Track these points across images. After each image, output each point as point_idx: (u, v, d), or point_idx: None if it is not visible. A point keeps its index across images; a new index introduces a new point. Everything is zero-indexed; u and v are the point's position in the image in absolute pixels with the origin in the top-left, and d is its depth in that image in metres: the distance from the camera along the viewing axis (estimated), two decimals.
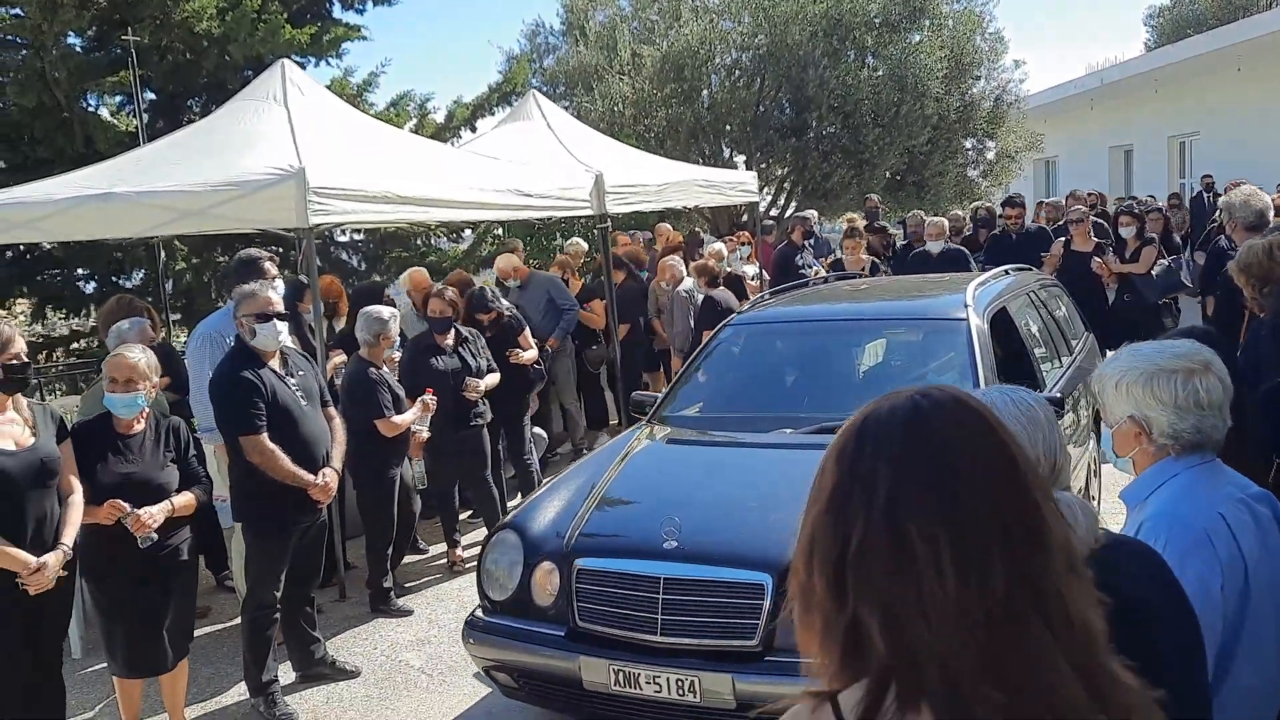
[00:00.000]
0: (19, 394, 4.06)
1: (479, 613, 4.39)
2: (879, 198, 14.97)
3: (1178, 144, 23.71)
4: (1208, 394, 2.16)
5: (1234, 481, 2.24)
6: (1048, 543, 1.10)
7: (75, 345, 13.54)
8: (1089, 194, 14.76)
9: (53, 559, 3.91)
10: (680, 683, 3.80)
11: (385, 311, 6.13)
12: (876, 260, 9.68)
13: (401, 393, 6.07)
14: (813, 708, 1.12)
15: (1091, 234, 9.23)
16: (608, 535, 4.31)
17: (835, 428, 4.85)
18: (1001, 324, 5.64)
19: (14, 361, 3.94)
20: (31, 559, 3.86)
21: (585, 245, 10.69)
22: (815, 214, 13.37)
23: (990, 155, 20.71)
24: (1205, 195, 16.97)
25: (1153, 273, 8.69)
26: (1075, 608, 1.09)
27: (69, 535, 4.01)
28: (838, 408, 4.55)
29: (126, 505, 4.18)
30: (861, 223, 10.79)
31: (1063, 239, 9.31)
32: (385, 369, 6.09)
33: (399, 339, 6.18)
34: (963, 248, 9.73)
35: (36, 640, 4.12)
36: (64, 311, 13.99)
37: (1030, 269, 7.24)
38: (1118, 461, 2.33)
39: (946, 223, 10.06)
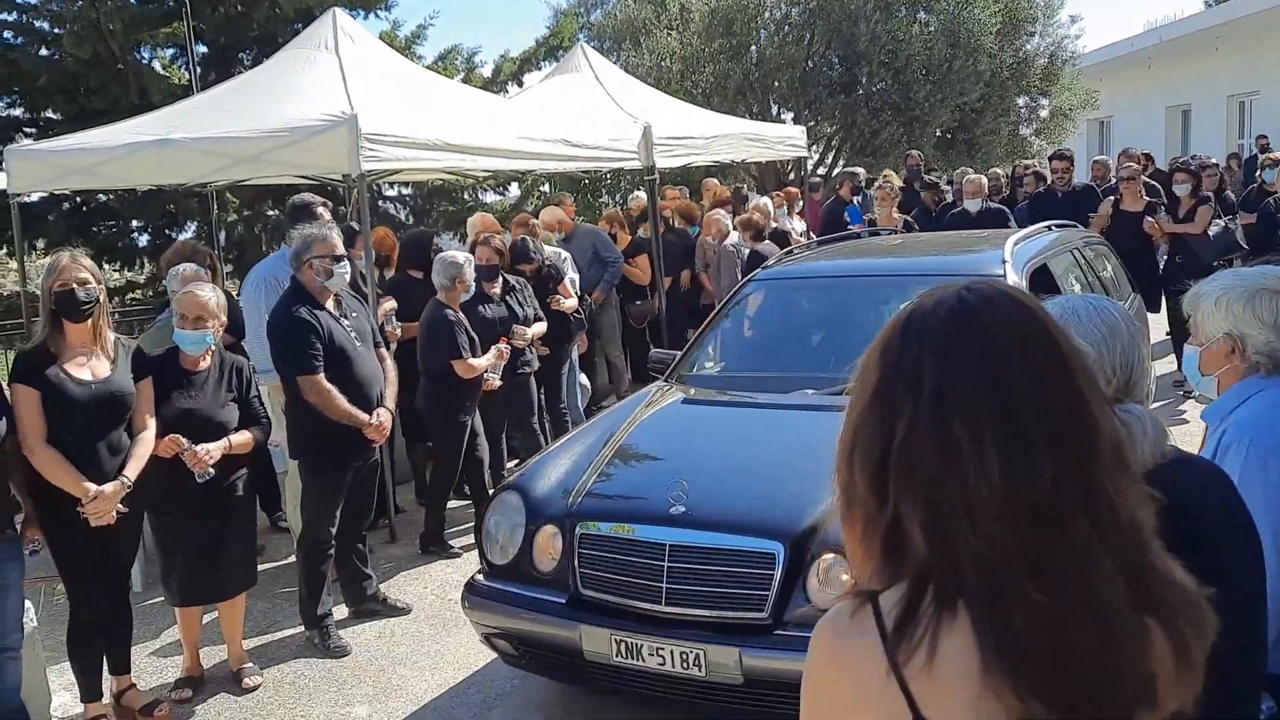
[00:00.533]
0: (105, 328, 4.17)
1: (479, 576, 4.22)
2: (921, 155, 14.68)
3: (1237, 103, 23.12)
4: None
5: None
6: (1096, 440, 1.08)
7: (131, 295, 13.78)
8: (1142, 154, 14.45)
9: (110, 488, 4.02)
10: (685, 655, 3.62)
11: (460, 256, 6.18)
12: (909, 220, 9.41)
13: (475, 338, 6.12)
14: (853, 609, 1.11)
15: (1143, 193, 8.93)
16: (613, 498, 4.09)
17: None
18: (1041, 282, 5.39)
19: (63, 290, 4.01)
20: (90, 486, 3.97)
21: (645, 198, 10.67)
22: (864, 171, 13.23)
23: (1044, 113, 20.34)
24: (1260, 157, 16.52)
25: (1209, 233, 8.43)
26: (1124, 505, 1.08)
27: (132, 469, 4.12)
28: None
29: (185, 440, 4.29)
30: (898, 180, 10.46)
31: (1112, 198, 9.02)
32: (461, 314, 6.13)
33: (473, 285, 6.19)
34: (1003, 207, 9.40)
35: (106, 571, 4.27)
36: (119, 263, 14.24)
37: (1075, 226, 7.01)
38: (1200, 382, 2.43)
39: (985, 180, 9.67)
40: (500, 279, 6.59)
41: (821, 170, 18.81)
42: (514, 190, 15.72)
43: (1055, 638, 1.03)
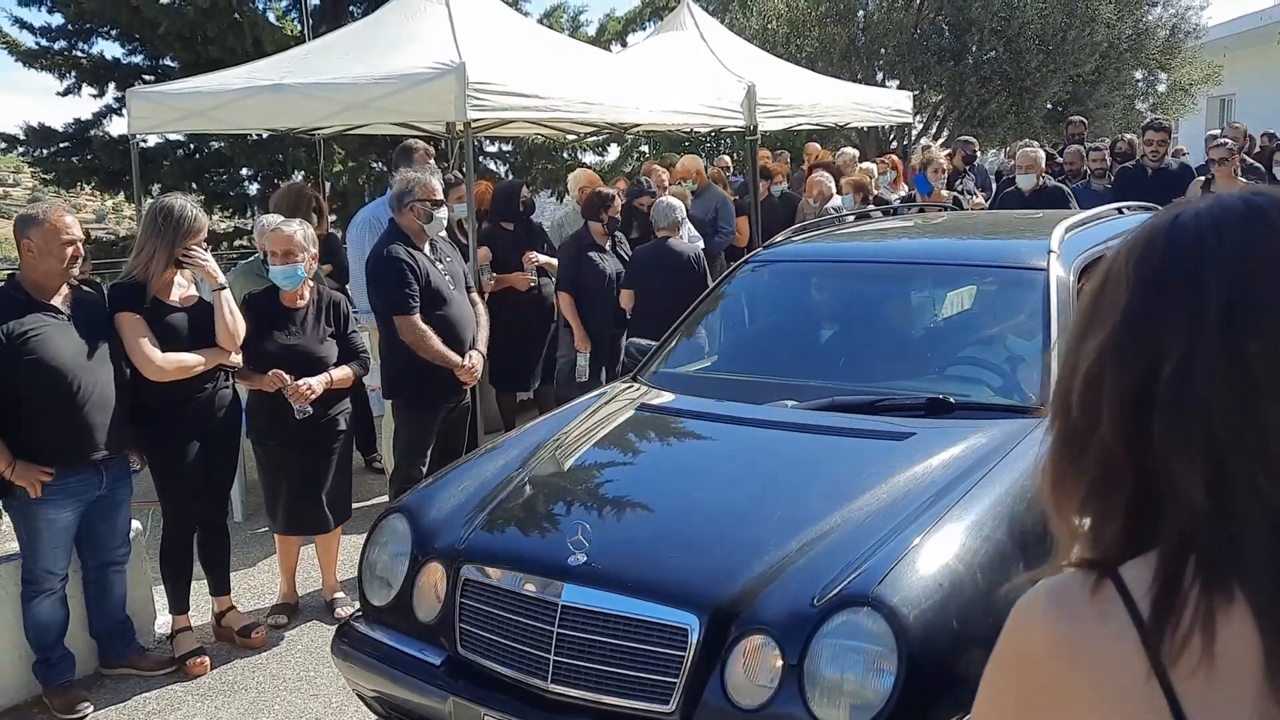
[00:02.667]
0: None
1: (355, 620, 3.49)
2: (975, 140, 13.57)
3: None
4: None
5: None
6: None
7: (239, 242, 14.18)
8: (1263, 135, 13.69)
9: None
10: None
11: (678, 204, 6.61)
12: (959, 196, 8.59)
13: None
14: (1092, 586, 0.89)
15: (1238, 174, 7.81)
16: (509, 536, 3.28)
17: (850, 405, 3.64)
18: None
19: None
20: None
21: (727, 160, 10.61)
22: (975, 141, 12.86)
23: (1161, 88, 19.62)
24: None
25: None
26: None
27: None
28: (858, 377, 4.05)
29: (287, 376, 4.42)
30: (942, 154, 9.72)
31: (1202, 178, 8.04)
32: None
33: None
34: (1062, 185, 8.26)
35: (206, 491, 4.46)
36: (229, 209, 14.64)
37: (1159, 209, 6.35)
38: None
39: (1041, 154, 8.36)
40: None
41: (926, 139, 18.44)
42: (613, 150, 15.75)
43: None
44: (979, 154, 11.02)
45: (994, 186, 9.79)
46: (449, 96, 5.95)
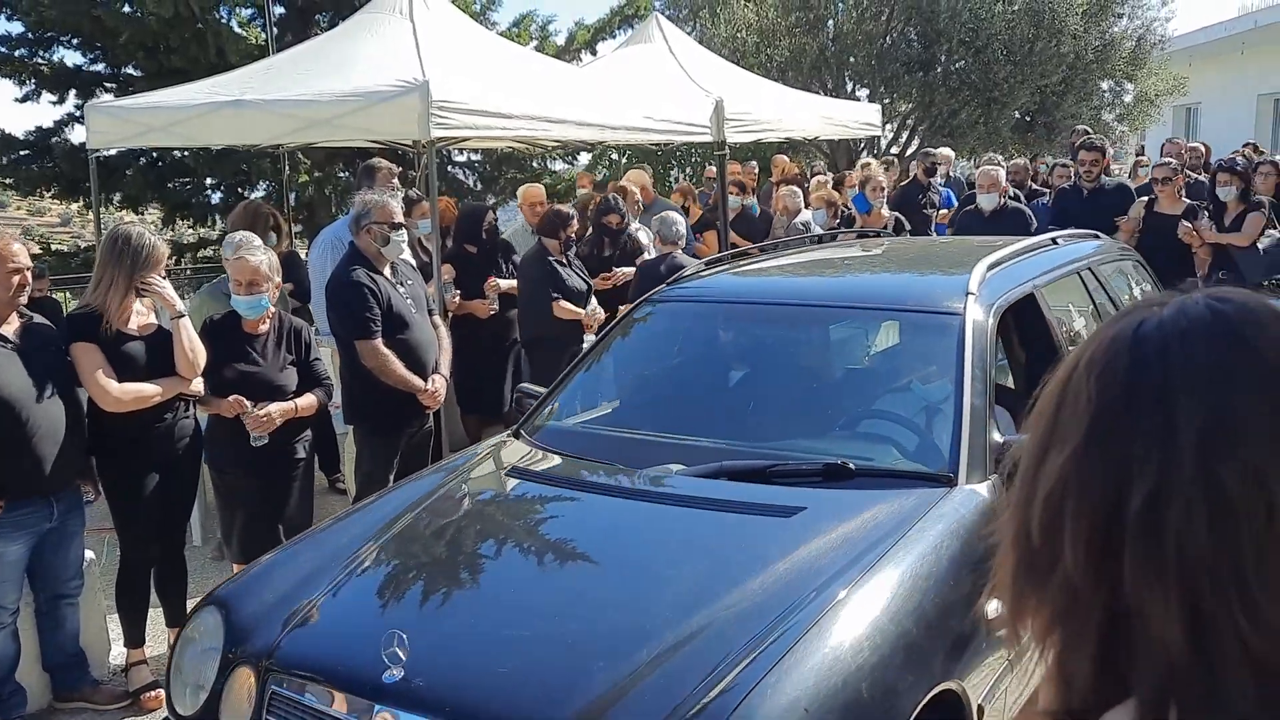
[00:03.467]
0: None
1: None
2: (947, 153, 12.55)
3: None
4: None
5: None
6: None
7: (202, 253, 14.03)
8: (1245, 146, 13.60)
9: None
10: None
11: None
12: (901, 218, 8.18)
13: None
14: None
15: (1182, 194, 7.55)
16: (324, 641, 2.82)
17: (739, 472, 3.27)
18: (1027, 318, 4.26)
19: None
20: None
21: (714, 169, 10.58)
22: (951, 152, 12.80)
23: (1128, 98, 19.78)
24: None
25: (1259, 245, 7.01)
26: None
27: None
28: (754, 435, 3.69)
29: (247, 402, 4.34)
30: (881, 171, 9.02)
31: (1145, 198, 7.64)
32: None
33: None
34: (1022, 208, 7.94)
35: (164, 524, 4.38)
36: (192, 220, 14.49)
37: (1096, 236, 5.65)
38: None
39: (1002, 173, 8.04)
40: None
41: (895, 149, 18.51)
42: (583, 159, 15.69)
43: None
44: (941, 165, 10.81)
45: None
46: (412, 115, 5.89)
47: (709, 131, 8.28)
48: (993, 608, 2.66)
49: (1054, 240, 4.95)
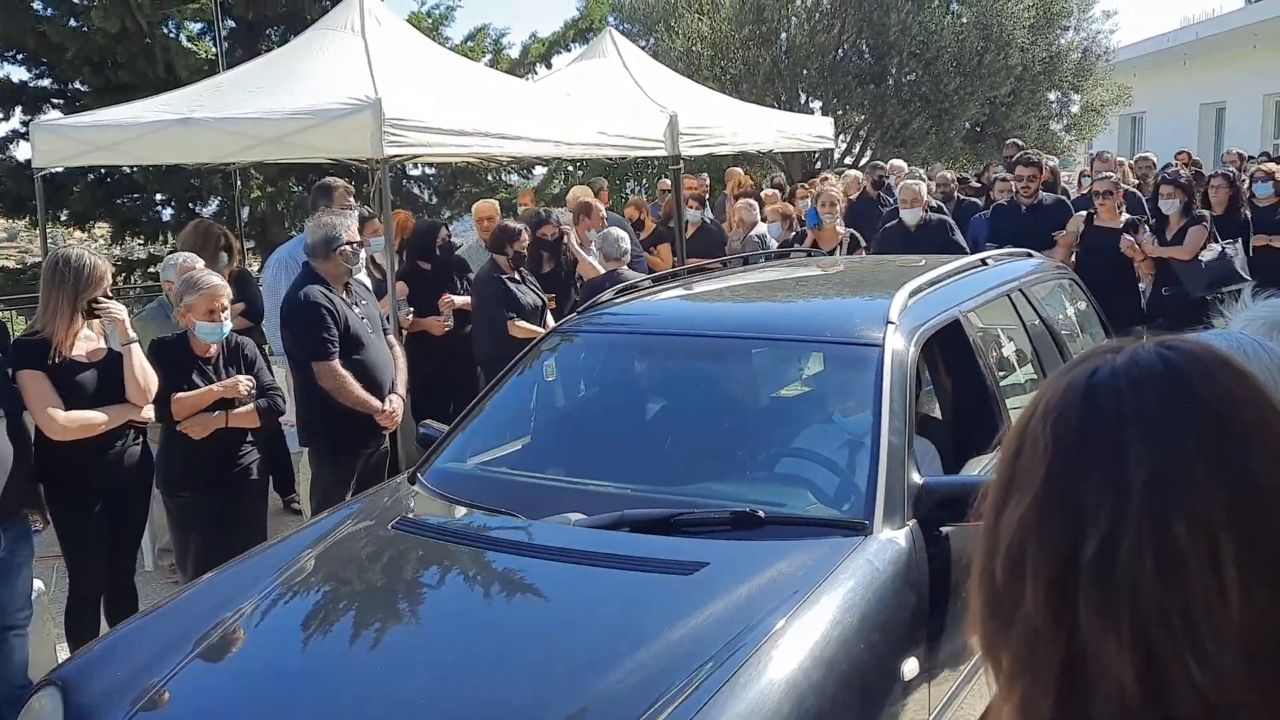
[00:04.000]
0: None
1: None
2: (899, 164, 12.43)
3: (1274, 103, 22.80)
4: None
5: None
6: None
7: (152, 269, 13.84)
8: (1179, 154, 13.76)
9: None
10: None
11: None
12: (856, 234, 7.99)
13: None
14: None
15: (1122, 210, 7.43)
16: None
17: (641, 522, 3.06)
18: (952, 346, 4.05)
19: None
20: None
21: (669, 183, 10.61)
22: (903, 164, 12.85)
23: (1075, 109, 20.11)
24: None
25: (1201, 259, 6.85)
26: None
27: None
28: (661, 479, 3.47)
29: (245, 381, 4.42)
30: (835, 186, 8.88)
31: (1084, 213, 7.50)
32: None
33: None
34: (945, 218, 7.86)
35: (114, 550, 4.31)
36: (142, 236, 14.29)
37: (1031, 255, 5.43)
38: None
39: (923, 186, 7.88)
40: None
41: (849, 160, 18.68)
42: (539, 172, 15.68)
43: None
44: (892, 177, 10.84)
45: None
46: (364, 132, 5.85)
47: (664, 146, 8.31)
48: (909, 667, 2.65)
49: (984, 261, 4.75)
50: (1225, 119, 24.48)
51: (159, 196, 13.48)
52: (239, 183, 10.26)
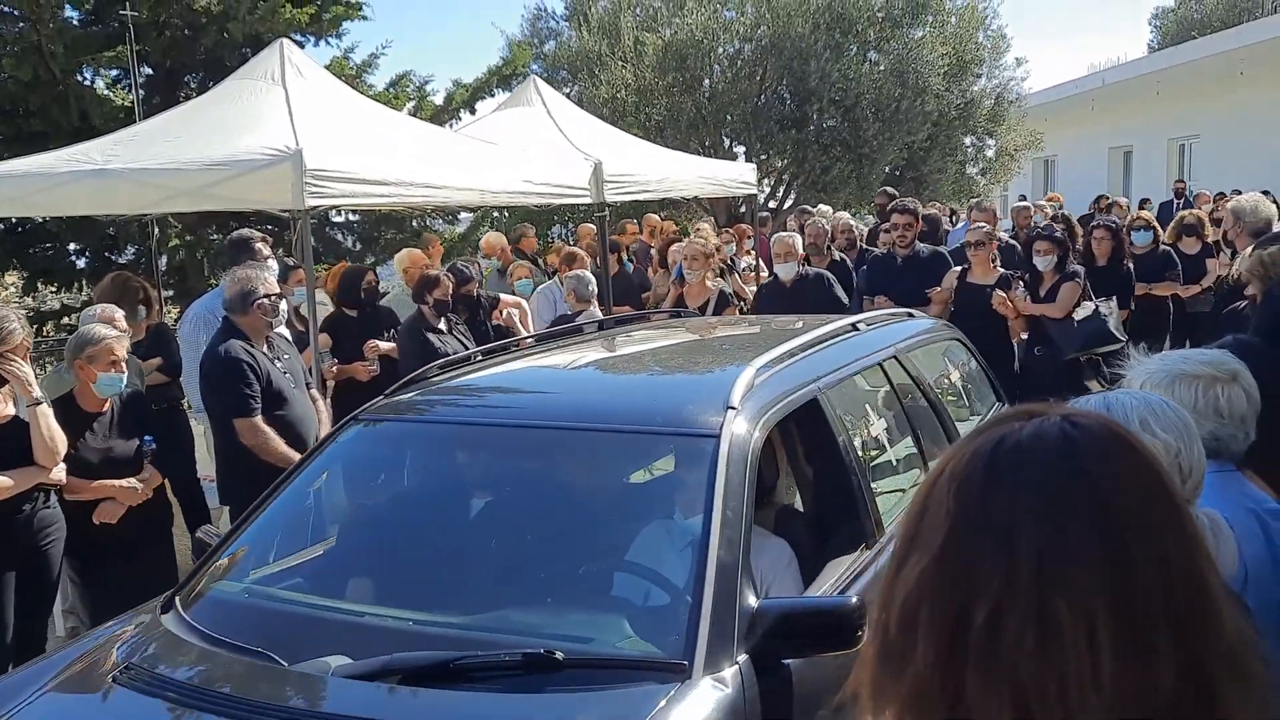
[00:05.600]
0: None
1: None
2: (825, 208, 12.46)
3: (1178, 146, 23.71)
4: (1229, 404, 2.17)
5: (1251, 494, 2.24)
6: (1221, 633, 0.87)
7: (65, 320, 13.47)
8: (1099, 198, 13.79)
9: None
10: None
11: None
12: (725, 290, 7.49)
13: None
14: None
15: (996, 262, 7.05)
16: None
17: (412, 670, 2.52)
18: (810, 428, 3.52)
19: None
20: None
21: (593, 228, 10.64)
22: (830, 210, 13.03)
23: (990, 153, 20.68)
24: (1175, 204, 16.02)
25: (1075, 317, 6.48)
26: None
27: None
28: (451, 606, 2.91)
29: (136, 483, 4.35)
30: (711, 236, 8.21)
31: (959, 268, 7.06)
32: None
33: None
34: (824, 272, 7.30)
35: (23, 609, 4.16)
36: (55, 286, 13.90)
37: (912, 315, 4.98)
38: None
39: (798, 240, 7.28)
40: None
41: (773, 204, 18.93)
42: (464, 218, 15.61)
43: None
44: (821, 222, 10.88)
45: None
46: (285, 184, 5.78)
47: (589, 193, 8.35)
48: None
49: (855, 326, 4.23)
50: (1133, 162, 25.39)
51: (73, 245, 13.14)
52: (156, 232, 10.05)
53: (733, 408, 2.96)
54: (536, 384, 3.85)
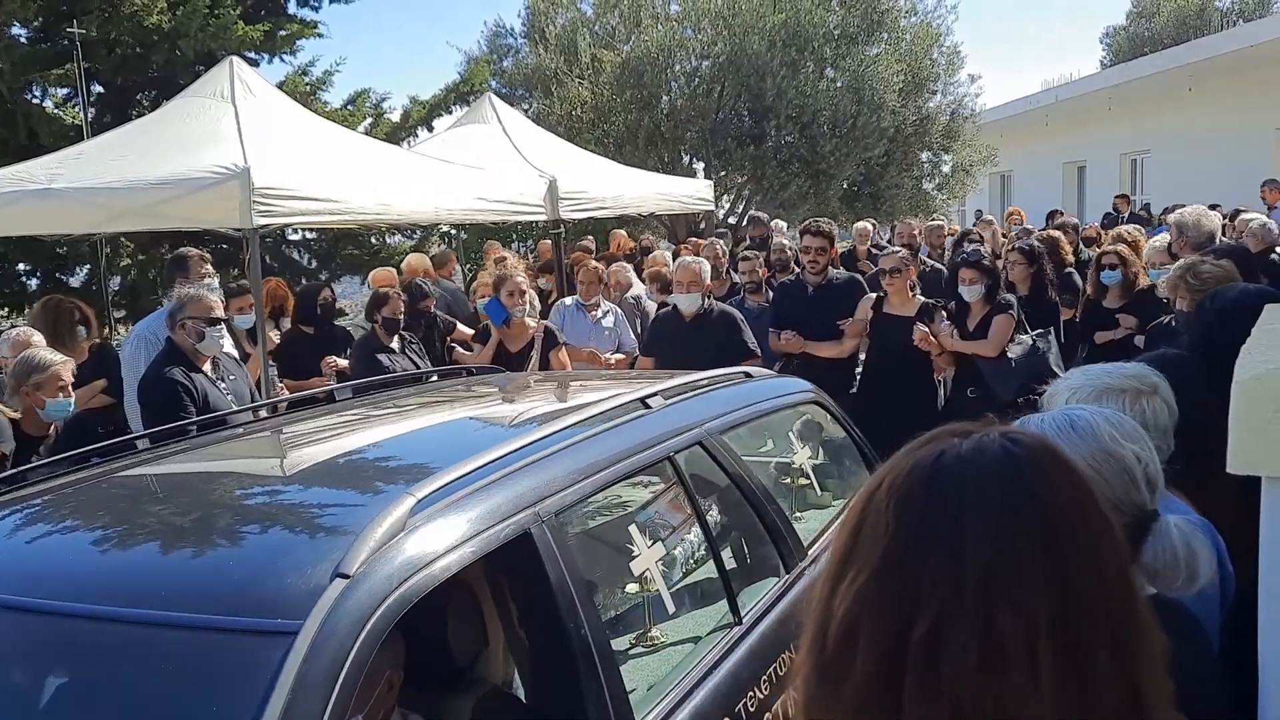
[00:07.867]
0: None
1: None
2: (779, 224, 12.16)
3: (1129, 161, 24.07)
4: (1154, 416, 2.20)
5: (1175, 506, 2.25)
6: (1152, 648, 0.87)
7: None
8: (1053, 213, 13.65)
9: None
10: None
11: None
12: (551, 329, 6.28)
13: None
14: None
15: (916, 289, 6.28)
16: None
17: None
18: (524, 575, 2.31)
19: None
20: None
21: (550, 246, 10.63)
22: (784, 225, 13.14)
23: (946, 169, 20.87)
24: (1118, 218, 16.21)
25: (1009, 355, 5.64)
26: None
27: None
28: None
29: None
30: (520, 270, 6.74)
31: (874, 295, 6.22)
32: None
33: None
34: (732, 311, 6.16)
35: None
36: (7, 308, 13.70)
37: (748, 376, 3.87)
38: None
39: (706, 267, 6.18)
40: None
41: (732, 219, 19.00)
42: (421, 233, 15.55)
43: None
44: (786, 238, 10.89)
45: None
46: (233, 202, 5.73)
47: (544, 210, 8.34)
48: None
49: (645, 403, 3.02)
50: (1086, 176, 25.75)
51: (22, 266, 12.96)
52: (107, 251, 9.94)
53: (343, 576, 1.83)
54: (58, 527, 2.48)
